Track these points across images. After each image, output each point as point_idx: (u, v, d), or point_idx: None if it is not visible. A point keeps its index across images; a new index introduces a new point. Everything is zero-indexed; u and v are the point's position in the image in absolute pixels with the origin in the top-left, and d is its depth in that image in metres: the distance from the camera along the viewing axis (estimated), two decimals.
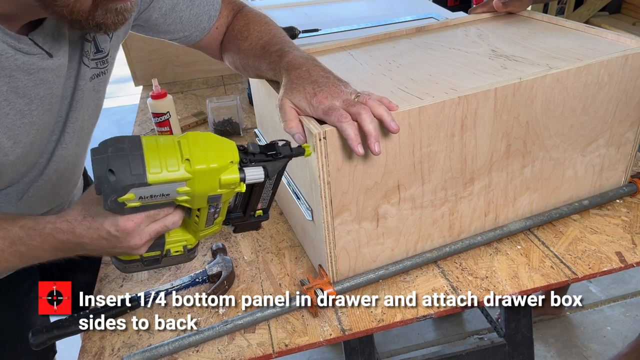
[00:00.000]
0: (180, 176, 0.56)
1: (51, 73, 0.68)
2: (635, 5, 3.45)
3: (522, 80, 0.76)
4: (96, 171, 0.54)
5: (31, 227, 0.63)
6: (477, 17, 1.12)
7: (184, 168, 0.56)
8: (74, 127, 0.77)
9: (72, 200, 0.98)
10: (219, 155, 0.58)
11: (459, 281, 0.83)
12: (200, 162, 0.56)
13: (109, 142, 0.55)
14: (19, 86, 0.65)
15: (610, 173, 0.97)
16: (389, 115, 0.66)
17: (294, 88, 0.69)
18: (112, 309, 0.80)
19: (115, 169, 0.53)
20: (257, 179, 0.61)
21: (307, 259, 0.91)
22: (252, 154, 0.62)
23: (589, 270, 0.83)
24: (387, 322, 0.77)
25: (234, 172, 0.59)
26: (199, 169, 0.56)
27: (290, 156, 0.65)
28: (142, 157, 0.54)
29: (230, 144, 0.60)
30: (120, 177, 0.53)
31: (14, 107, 0.65)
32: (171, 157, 0.56)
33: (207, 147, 0.57)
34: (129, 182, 0.54)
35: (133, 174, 0.54)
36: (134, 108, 1.71)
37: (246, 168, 0.61)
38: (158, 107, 1.20)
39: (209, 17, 0.87)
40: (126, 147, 0.54)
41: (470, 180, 0.82)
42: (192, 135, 0.58)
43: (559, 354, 1.68)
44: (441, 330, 1.80)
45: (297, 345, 0.74)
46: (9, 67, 0.62)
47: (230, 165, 0.59)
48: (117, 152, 0.54)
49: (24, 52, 0.63)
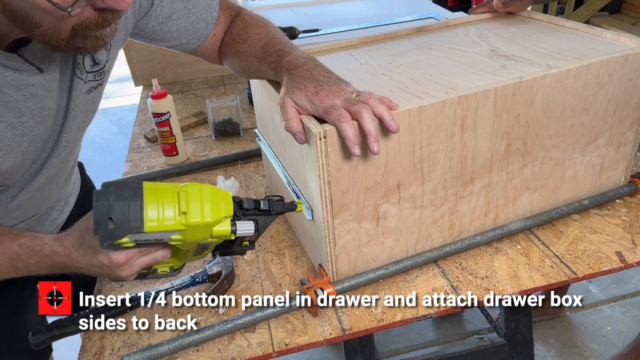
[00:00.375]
0: (175, 227, 0.60)
1: (41, 88, 0.70)
2: (635, 5, 3.45)
3: (522, 80, 0.76)
4: (97, 216, 0.57)
5: (29, 246, 0.67)
6: (477, 17, 1.12)
7: (180, 221, 0.60)
8: (67, 136, 0.79)
9: (66, 200, 0.98)
10: (215, 210, 0.62)
11: (459, 281, 0.83)
12: (196, 217, 0.60)
13: (111, 188, 0.59)
14: (9, 101, 0.66)
15: (610, 173, 0.97)
16: (389, 115, 0.66)
17: (295, 87, 0.69)
18: (112, 309, 0.80)
19: (114, 217, 0.57)
20: (247, 233, 0.66)
21: (307, 258, 0.91)
22: (246, 209, 0.66)
23: (589, 270, 0.83)
24: (387, 322, 0.77)
25: (226, 226, 0.64)
26: (194, 222, 0.60)
27: (282, 212, 0.69)
28: (142, 208, 0.58)
29: (227, 198, 0.64)
30: (119, 226, 0.57)
31: (4, 120, 0.67)
32: (169, 209, 0.60)
33: (204, 200, 0.61)
34: (126, 230, 0.58)
35: (131, 225, 0.58)
36: (134, 108, 1.71)
37: (238, 222, 0.65)
38: (158, 107, 1.20)
39: (206, 25, 0.87)
40: (127, 196, 0.58)
41: (470, 180, 0.82)
42: (192, 188, 0.62)
43: (559, 354, 1.68)
44: (441, 330, 1.80)
45: (297, 345, 0.74)
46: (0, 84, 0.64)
47: (224, 219, 0.63)
48: (118, 200, 0.57)
49: (14, 69, 0.65)
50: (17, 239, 0.68)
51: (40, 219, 0.91)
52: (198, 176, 1.21)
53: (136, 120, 1.55)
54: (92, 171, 1.19)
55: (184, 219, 0.60)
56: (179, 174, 1.22)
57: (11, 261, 0.67)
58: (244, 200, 0.66)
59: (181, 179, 1.21)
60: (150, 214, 0.59)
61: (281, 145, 0.89)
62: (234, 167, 1.24)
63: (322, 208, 0.73)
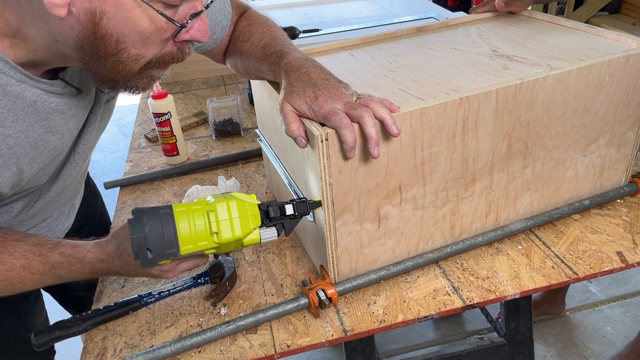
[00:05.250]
0: (209, 246, 0.65)
1: (80, 107, 0.72)
2: (635, 5, 3.45)
3: (523, 81, 0.76)
4: (135, 247, 0.61)
5: (70, 254, 0.71)
6: (478, 17, 1.12)
7: (212, 240, 0.65)
8: (84, 147, 0.80)
9: (72, 204, 0.98)
10: (244, 225, 0.66)
11: (460, 281, 0.83)
12: (227, 235, 0.65)
13: (144, 219, 0.62)
14: (53, 125, 0.68)
15: (610, 173, 0.97)
16: (391, 118, 0.66)
17: (294, 92, 0.68)
18: (114, 310, 0.80)
19: (152, 248, 0.62)
20: (271, 239, 0.70)
21: (309, 259, 0.91)
22: (273, 218, 0.70)
23: (589, 270, 0.83)
24: (389, 323, 0.77)
25: (255, 236, 0.68)
26: (226, 240, 0.65)
27: (307, 214, 0.72)
28: (176, 236, 0.63)
29: (254, 209, 0.68)
30: (157, 255, 0.62)
31: (48, 145, 0.69)
32: (201, 232, 0.64)
33: (233, 217, 0.65)
34: (164, 257, 0.63)
35: (168, 252, 0.63)
36: (134, 108, 1.71)
37: (262, 230, 0.69)
38: (158, 107, 1.20)
39: (222, 28, 0.87)
40: (160, 225, 0.62)
41: (472, 181, 0.82)
42: (220, 207, 0.65)
43: (558, 354, 1.68)
44: (441, 330, 1.80)
45: (299, 346, 0.74)
46: (45, 111, 0.66)
47: (253, 231, 0.67)
48: (152, 231, 0.62)
49: (57, 94, 0.67)
50: (57, 248, 0.71)
51: (51, 225, 0.91)
52: (199, 176, 1.22)
53: (137, 120, 1.55)
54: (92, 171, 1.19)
55: (216, 237, 0.65)
56: (180, 174, 1.22)
57: (53, 270, 0.70)
58: (270, 209, 0.69)
59: (182, 179, 1.21)
60: (184, 239, 0.63)
61: (282, 146, 0.89)
62: (235, 167, 1.24)
63: (323, 209, 0.73)
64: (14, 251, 0.69)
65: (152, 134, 1.42)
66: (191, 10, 0.60)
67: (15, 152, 0.64)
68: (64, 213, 0.95)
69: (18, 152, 0.64)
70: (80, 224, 1.04)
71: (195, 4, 0.60)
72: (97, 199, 1.18)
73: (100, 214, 1.17)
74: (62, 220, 0.95)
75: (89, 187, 1.12)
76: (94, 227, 1.12)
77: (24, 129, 0.63)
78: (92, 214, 1.12)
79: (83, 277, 0.73)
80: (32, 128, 0.64)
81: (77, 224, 1.02)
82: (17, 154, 0.64)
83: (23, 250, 0.69)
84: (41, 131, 0.66)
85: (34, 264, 0.69)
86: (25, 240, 0.70)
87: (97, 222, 1.15)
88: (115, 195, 1.17)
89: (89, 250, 0.71)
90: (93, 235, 1.09)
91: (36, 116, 0.64)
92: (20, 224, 0.81)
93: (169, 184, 1.20)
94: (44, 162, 0.70)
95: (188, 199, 1.05)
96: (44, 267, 0.70)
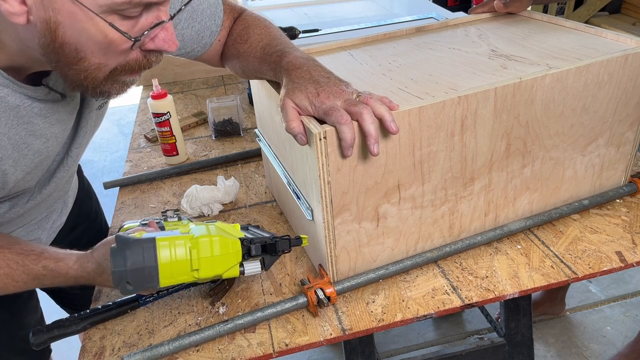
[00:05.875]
0: (188, 280, 0.68)
1: (65, 112, 0.72)
2: (635, 5, 3.45)
3: (522, 80, 0.76)
4: (115, 279, 0.63)
5: (54, 269, 0.71)
6: (477, 17, 1.12)
7: (192, 275, 0.67)
8: (77, 151, 0.81)
9: (65, 202, 0.98)
10: (225, 262, 0.68)
11: (459, 281, 0.83)
12: (208, 272, 0.67)
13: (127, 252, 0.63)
14: (36, 129, 0.68)
15: (610, 173, 0.97)
16: (390, 116, 0.66)
17: (296, 88, 0.68)
18: (113, 309, 0.80)
19: (132, 281, 0.63)
20: (254, 272, 0.72)
21: (307, 258, 0.91)
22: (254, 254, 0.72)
23: (589, 270, 0.83)
24: (387, 322, 0.77)
25: (235, 271, 0.70)
26: (204, 277, 0.68)
27: (288, 251, 0.74)
28: (157, 271, 0.64)
29: (236, 246, 0.69)
30: (136, 287, 0.64)
31: (31, 148, 0.69)
32: (182, 266, 0.65)
33: (214, 254, 0.67)
34: (143, 289, 0.66)
35: (147, 285, 0.64)
36: (134, 108, 1.71)
37: (246, 263, 0.71)
38: (158, 107, 1.20)
39: (211, 33, 0.87)
40: (143, 259, 0.63)
41: (470, 180, 0.82)
42: (203, 244, 0.67)
43: (558, 354, 1.68)
44: (441, 330, 1.80)
45: (298, 345, 0.74)
46: (27, 115, 0.66)
47: (234, 267, 0.70)
48: (134, 266, 0.63)
49: (40, 100, 0.67)
50: (39, 260, 0.71)
51: (40, 223, 0.91)
52: (198, 176, 1.22)
53: (136, 120, 1.55)
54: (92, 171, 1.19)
55: (196, 273, 0.67)
56: (179, 174, 1.22)
57: (36, 279, 0.72)
58: (252, 247, 0.71)
59: (181, 179, 1.21)
60: (165, 274, 0.65)
61: (281, 145, 0.89)
62: (234, 167, 1.24)
63: (322, 208, 0.73)
64: None
65: (151, 134, 1.42)
66: (155, 20, 0.59)
67: None
68: (56, 211, 0.95)
69: (0, 154, 0.64)
70: (75, 223, 1.05)
71: (159, 14, 0.59)
72: (92, 198, 1.18)
73: (94, 213, 1.17)
74: (54, 218, 0.95)
75: (83, 186, 1.12)
76: (88, 225, 1.12)
77: (6, 131, 0.64)
78: (87, 213, 1.12)
79: (68, 285, 0.74)
80: (14, 130, 0.65)
81: (72, 223, 1.02)
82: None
83: (7, 259, 0.70)
84: (24, 134, 0.66)
85: (17, 273, 0.70)
86: (9, 248, 0.71)
87: (92, 221, 1.15)
88: (114, 195, 1.17)
89: (70, 266, 0.72)
90: (87, 234, 1.10)
91: (19, 119, 0.65)
92: (8, 222, 0.82)
93: (169, 184, 1.20)
94: (28, 165, 0.70)
95: (187, 198, 1.06)
96: (27, 277, 0.71)
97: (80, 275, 0.72)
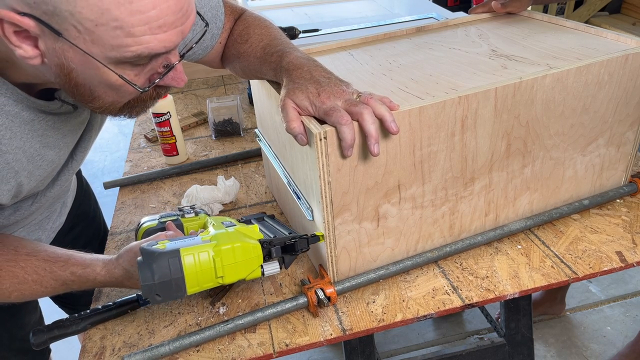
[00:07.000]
0: (213, 286, 0.70)
1: (76, 123, 0.74)
2: (635, 5, 3.44)
3: (522, 80, 0.76)
4: (145, 292, 0.65)
5: (82, 275, 0.74)
6: (477, 17, 1.12)
7: (217, 282, 0.69)
8: (82, 155, 0.82)
9: (64, 202, 0.99)
10: (248, 266, 0.70)
11: (459, 281, 0.83)
12: (232, 277, 0.69)
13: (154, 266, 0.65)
14: (50, 141, 0.70)
15: (610, 173, 0.97)
16: (390, 116, 0.66)
17: (297, 88, 0.68)
18: (113, 309, 0.80)
19: (161, 293, 0.66)
20: (274, 272, 0.74)
21: (308, 258, 0.91)
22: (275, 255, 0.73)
23: (589, 270, 0.83)
24: (388, 322, 0.77)
25: (257, 273, 0.72)
26: (229, 281, 0.70)
27: (306, 250, 0.75)
28: (184, 281, 0.66)
29: (257, 250, 0.71)
30: (165, 298, 0.66)
31: (45, 159, 0.71)
32: (207, 274, 0.68)
33: (237, 260, 0.69)
34: (172, 299, 0.68)
35: (175, 295, 0.67)
36: None
37: (265, 264, 0.73)
38: (158, 107, 1.20)
39: (212, 36, 0.86)
40: (169, 272, 0.65)
41: (471, 180, 0.82)
42: (226, 252, 0.69)
43: (558, 354, 1.68)
44: (441, 330, 1.80)
45: (298, 345, 0.74)
46: (42, 128, 0.68)
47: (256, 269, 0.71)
48: (162, 278, 0.65)
49: (54, 113, 0.69)
50: (67, 267, 0.73)
51: (41, 224, 0.92)
52: (198, 176, 1.22)
53: (136, 120, 1.55)
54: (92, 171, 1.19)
55: (221, 280, 0.69)
56: (179, 174, 1.22)
57: (64, 285, 0.74)
58: (272, 249, 0.73)
59: (181, 179, 1.21)
60: (191, 283, 0.67)
61: (281, 145, 0.89)
62: (234, 167, 1.24)
63: (322, 208, 0.73)
64: (26, 266, 0.71)
65: (151, 134, 1.42)
66: (164, 61, 0.61)
67: (13, 167, 0.65)
68: (55, 211, 0.96)
69: (16, 167, 0.66)
70: (73, 223, 1.05)
71: (168, 57, 0.61)
72: (90, 198, 1.18)
73: (93, 213, 1.17)
74: (54, 218, 0.95)
75: (81, 186, 1.12)
76: (86, 225, 1.12)
77: (21, 144, 0.65)
78: (85, 213, 1.12)
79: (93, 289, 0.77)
80: (29, 144, 0.67)
81: (70, 223, 1.02)
82: (15, 169, 0.66)
83: (34, 266, 0.72)
84: (38, 146, 0.68)
85: (46, 279, 0.72)
86: (36, 255, 0.73)
87: (90, 220, 1.15)
88: (114, 195, 1.17)
89: (98, 272, 0.75)
90: (86, 234, 1.10)
91: (33, 133, 0.67)
92: (13, 224, 0.82)
93: (169, 184, 1.20)
94: (42, 175, 0.72)
95: (187, 198, 1.05)
96: (55, 283, 0.73)
97: (107, 280, 0.75)
